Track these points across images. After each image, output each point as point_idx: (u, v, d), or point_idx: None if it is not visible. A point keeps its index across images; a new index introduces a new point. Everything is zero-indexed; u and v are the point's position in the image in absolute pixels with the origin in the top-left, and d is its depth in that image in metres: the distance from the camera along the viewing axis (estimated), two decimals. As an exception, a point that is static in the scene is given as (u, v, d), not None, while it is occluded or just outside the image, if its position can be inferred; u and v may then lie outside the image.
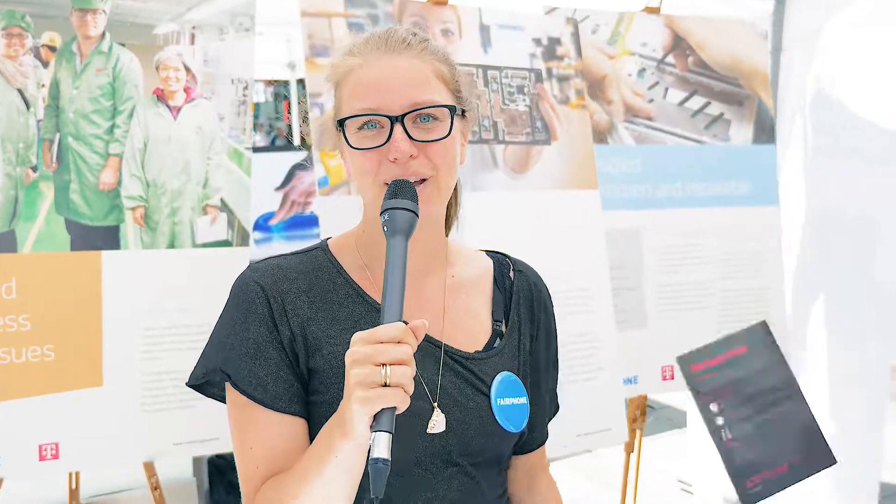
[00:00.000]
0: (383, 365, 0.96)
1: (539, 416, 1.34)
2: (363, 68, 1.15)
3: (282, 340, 1.16)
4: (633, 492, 2.89)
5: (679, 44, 2.73)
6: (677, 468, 3.92)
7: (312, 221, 4.23)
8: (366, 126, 1.14)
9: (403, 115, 1.12)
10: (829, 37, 3.07)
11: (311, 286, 1.19)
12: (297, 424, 1.15)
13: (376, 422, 0.96)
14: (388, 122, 1.12)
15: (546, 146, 2.40)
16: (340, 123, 1.16)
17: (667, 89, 2.72)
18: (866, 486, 2.98)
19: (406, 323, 0.99)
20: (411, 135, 1.13)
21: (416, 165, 1.13)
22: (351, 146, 1.15)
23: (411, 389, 0.97)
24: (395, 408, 0.96)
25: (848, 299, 3.08)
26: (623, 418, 2.52)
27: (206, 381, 1.20)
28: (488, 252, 1.36)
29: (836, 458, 2.44)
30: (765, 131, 2.86)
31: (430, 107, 1.14)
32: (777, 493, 2.38)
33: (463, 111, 1.21)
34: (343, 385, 1.00)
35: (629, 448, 2.76)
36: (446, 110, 1.16)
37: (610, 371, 2.44)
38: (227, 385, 1.17)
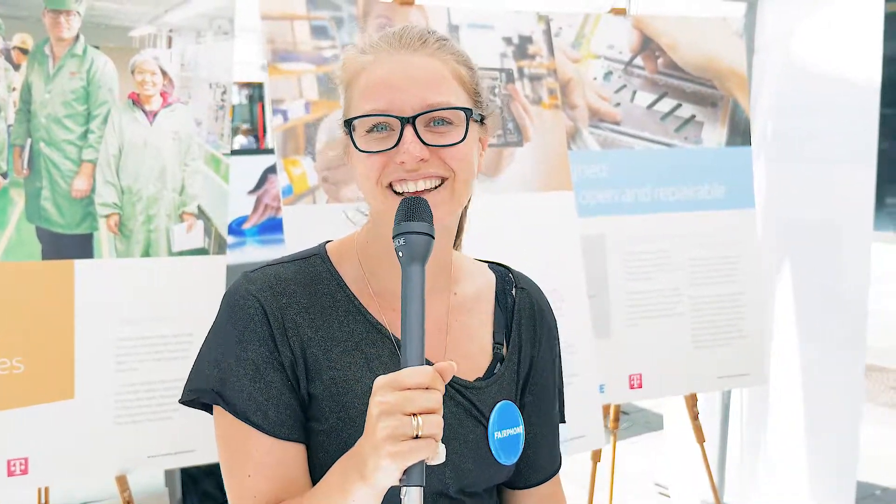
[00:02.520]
0: (413, 415, 0.89)
1: (548, 443, 1.26)
2: (374, 66, 1.08)
3: (282, 362, 1.08)
4: (608, 496, 2.86)
5: (648, 45, 2.67)
6: (654, 471, 3.91)
7: (286, 226, 4.13)
8: (375, 129, 1.06)
9: (415, 117, 1.04)
10: (800, 39, 3.07)
11: (311, 302, 1.12)
12: (298, 450, 1.09)
13: (406, 475, 0.90)
14: (398, 123, 1.04)
15: (518, 148, 2.35)
16: (348, 124, 1.09)
17: (635, 92, 2.66)
18: (843, 487, 2.99)
19: (431, 363, 0.93)
20: (423, 138, 1.05)
21: (426, 168, 1.05)
22: (358, 149, 1.07)
23: (440, 438, 0.91)
24: (425, 460, 0.91)
25: (817, 302, 3.08)
26: (599, 424, 2.48)
27: (197, 400, 1.13)
28: (490, 264, 1.29)
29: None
30: (739, 133, 2.81)
31: (444, 109, 1.06)
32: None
33: (482, 117, 1.13)
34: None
35: (596, 457, 2.70)
36: (462, 114, 1.07)
37: (584, 376, 2.40)
38: (218, 407, 1.09)
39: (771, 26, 3.14)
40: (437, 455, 0.91)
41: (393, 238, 1.00)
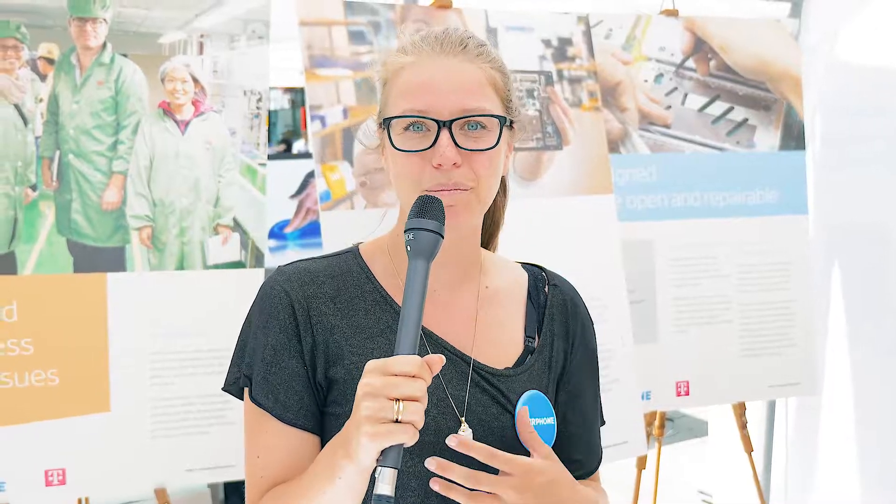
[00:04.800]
0: (396, 400, 0.91)
1: (585, 439, 1.23)
2: (415, 67, 1.08)
3: (302, 350, 1.10)
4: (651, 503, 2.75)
5: (700, 47, 2.57)
6: (698, 478, 3.80)
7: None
8: (412, 127, 1.07)
9: (452, 121, 1.06)
10: (846, 39, 2.92)
11: (339, 292, 1.14)
12: (304, 439, 1.10)
13: (383, 456, 0.92)
14: (434, 125, 1.06)
15: (558, 151, 2.27)
16: (385, 122, 1.10)
17: (686, 95, 2.56)
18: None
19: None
20: (458, 142, 1.06)
21: (458, 175, 1.07)
22: (395, 147, 1.08)
23: (421, 425, 0.93)
24: (402, 444, 0.92)
25: (869, 309, 2.93)
26: (641, 430, 2.39)
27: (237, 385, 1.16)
28: (524, 264, 1.28)
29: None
30: (793, 137, 2.68)
31: (480, 115, 1.07)
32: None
33: (511, 122, 1.14)
34: None
35: (641, 464, 2.62)
36: (496, 120, 1.09)
37: (626, 382, 2.31)
38: (246, 390, 1.13)
39: (816, 27, 3.01)
40: (414, 440, 0.92)
41: (404, 232, 1.02)
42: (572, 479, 1.09)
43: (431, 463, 1.01)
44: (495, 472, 1.04)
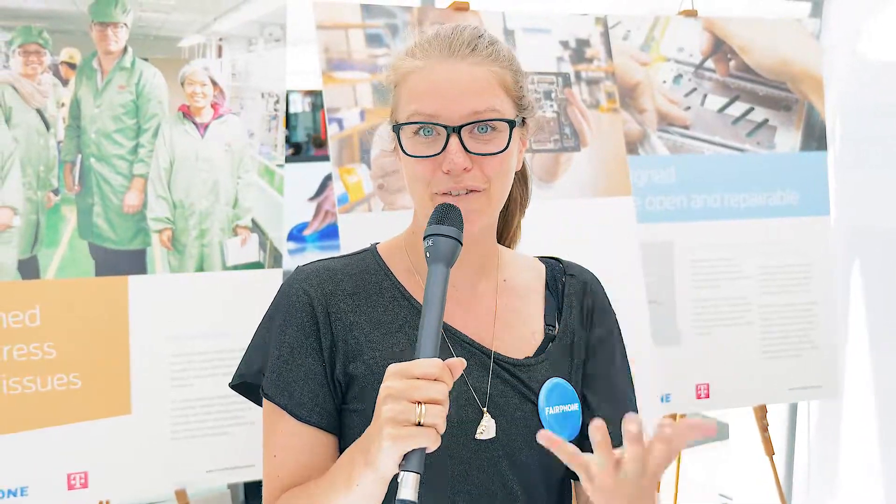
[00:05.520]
0: (418, 403, 0.90)
1: (615, 422, 1.14)
2: (423, 71, 1.07)
3: (320, 348, 1.10)
4: (672, 506, 2.72)
5: (720, 47, 2.54)
6: (718, 481, 3.76)
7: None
8: (421, 132, 1.07)
9: (461, 127, 1.05)
10: (868, 38, 2.87)
11: (357, 288, 1.14)
12: (320, 438, 1.10)
13: (406, 460, 0.91)
14: (444, 130, 1.05)
15: (575, 153, 2.25)
16: (396, 127, 1.10)
17: (705, 96, 2.54)
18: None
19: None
20: (467, 146, 1.06)
21: (468, 179, 1.06)
22: (405, 152, 1.08)
23: (443, 429, 0.92)
24: (425, 448, 0.91)
25: (891, 311, 2.87)
26: None
27: (244, 383, 1.16)
28: (542, 258, 1.28)
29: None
30: (815, 138, 2.64)
31: (488, 120, 1.06)
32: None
33: (524, 119, 1.13)
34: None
35: None
36: (505, 122, 1.08)
37: (645, 385, 2.27)
38: (262, 387, 1.13)
39: (837, 26, 2.96)
40: (436, 444, 0.91)
41: (423, 238, 1.03)
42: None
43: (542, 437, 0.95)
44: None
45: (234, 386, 1.18)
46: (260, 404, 1.15)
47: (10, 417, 1.81)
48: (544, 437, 0.94)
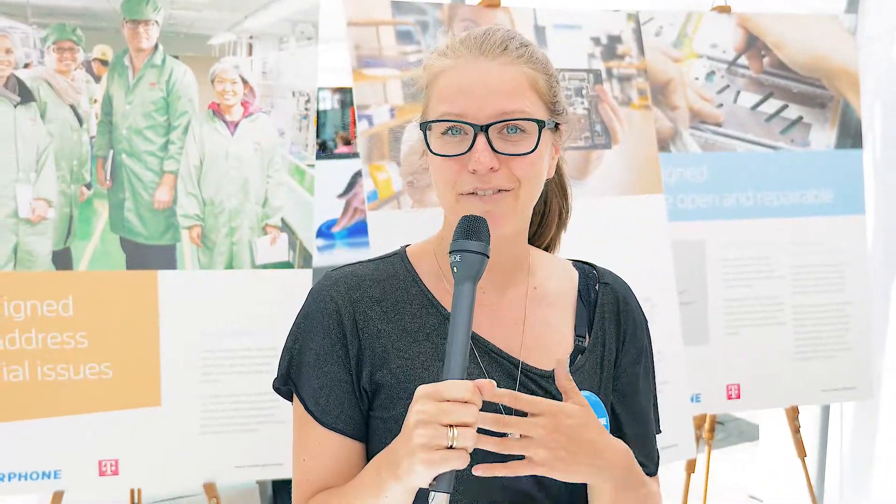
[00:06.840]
0: (450, 426, 0.90)
1: (639, 442, 1.17)
2: (454, 70, 1.06)
3: (347, 356, 1.10)
4: (702, 507, 2.68)
5: (753, 44, 2.49)
6: (748, 483, 3.69)
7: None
8: (449, 132, 1.06)
9: (488, 126, 1.03)
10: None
11: (385, 295, 1.13)
12: (347, 445, 1.10)
13: (436, 481, 0.92)
14: (471, 129, 1.04)
15: (606, 150, 2.22)
16: (423, 126, 1.08)
17: (738, 92, 2.49)
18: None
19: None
20: (495, 146, 1.04)
21: (496, 179, 1.05)
22: (432, 151, 1.07)
23: (472, 449, 0.92)
24: (455, 468, 0.92)
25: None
26: (690, 433, 2.34)
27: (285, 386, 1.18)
28: (575, 262, 1.25)
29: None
30: (850, 135, 2.59)
31: (516, 119, 1.04)
32: None
33: (556, 124, 1.11)
34: (409, 402, 0.95)
35: (690, 468, 2.55)
36: (534, 124, 1.05)
37: (676, 384, 2.26)
38: (293, 389, 1.14)
39: (874, 22, 2.87)
40: (466, 464, 0.92)
41: (449, 253, 1.01)
42: (601, 426, 1.05)
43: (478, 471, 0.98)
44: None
45: (276, 388, 1.18)
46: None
47: (44, 403, 1.85)
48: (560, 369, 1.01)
